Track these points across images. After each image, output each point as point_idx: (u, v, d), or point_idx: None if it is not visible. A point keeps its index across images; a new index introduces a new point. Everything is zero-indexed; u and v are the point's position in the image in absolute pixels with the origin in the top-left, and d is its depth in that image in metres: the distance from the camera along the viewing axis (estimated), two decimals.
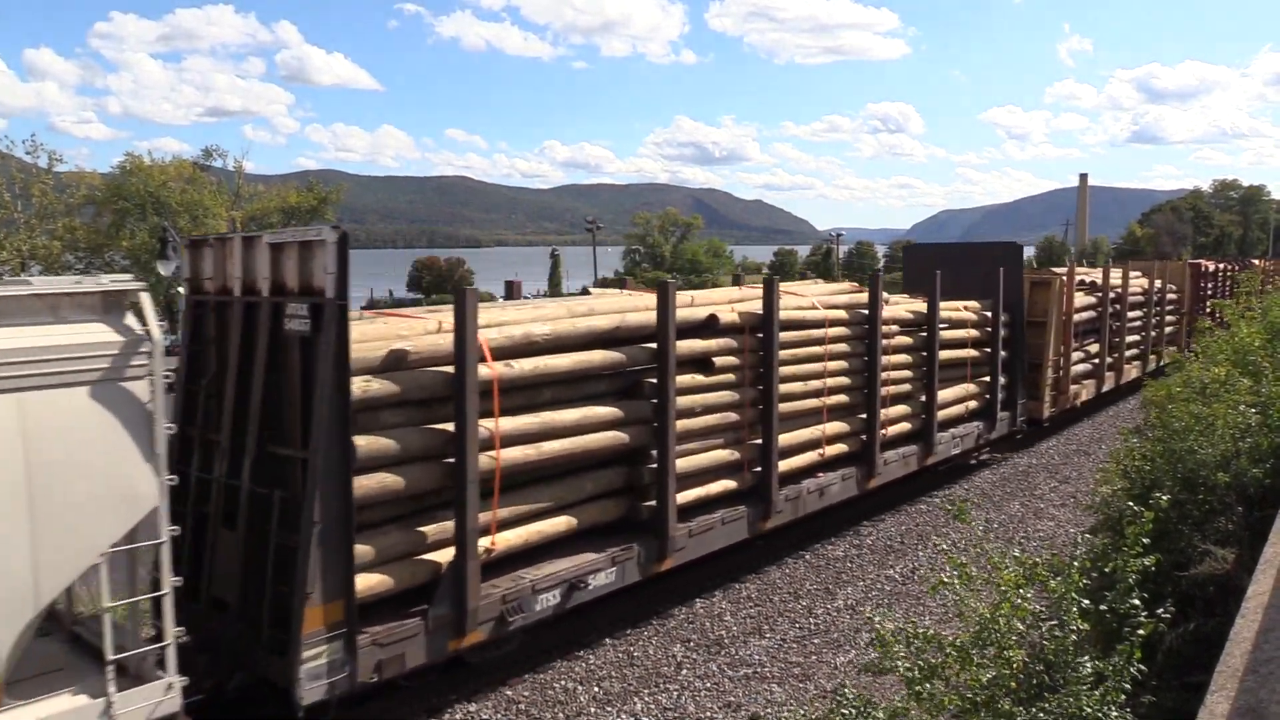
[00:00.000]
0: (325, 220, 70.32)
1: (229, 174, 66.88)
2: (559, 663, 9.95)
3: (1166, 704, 6.57)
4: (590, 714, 8.97)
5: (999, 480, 17.56)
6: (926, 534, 14.37)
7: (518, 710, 9.00)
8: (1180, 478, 9.35)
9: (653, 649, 10.34)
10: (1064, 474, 18.12)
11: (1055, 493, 16.80)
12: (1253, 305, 20.13)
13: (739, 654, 10.26)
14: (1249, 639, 5.01)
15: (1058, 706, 5.05)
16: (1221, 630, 6.00)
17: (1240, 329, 15.15)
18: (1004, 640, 5.36)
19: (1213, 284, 34.45)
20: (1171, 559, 8.62)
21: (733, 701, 9.24)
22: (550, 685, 9.47)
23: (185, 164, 62.56)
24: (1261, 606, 5.44)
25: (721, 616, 11.23)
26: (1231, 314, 17.34)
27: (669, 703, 9.18)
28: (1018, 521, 15.12)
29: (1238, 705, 4.30)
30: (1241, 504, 9.06)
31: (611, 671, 9.81)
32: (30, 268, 60.15)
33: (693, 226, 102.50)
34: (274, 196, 66.50)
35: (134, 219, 56.63)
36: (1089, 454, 19.66)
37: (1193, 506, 9.11)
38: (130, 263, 58.79)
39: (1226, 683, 4.56)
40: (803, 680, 9.69)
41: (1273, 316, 17.58)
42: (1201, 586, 8.06)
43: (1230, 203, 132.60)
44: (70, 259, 60.92)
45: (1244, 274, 29.29)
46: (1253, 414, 10.10)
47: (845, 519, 14.68)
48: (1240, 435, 9.63)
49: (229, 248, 8.40)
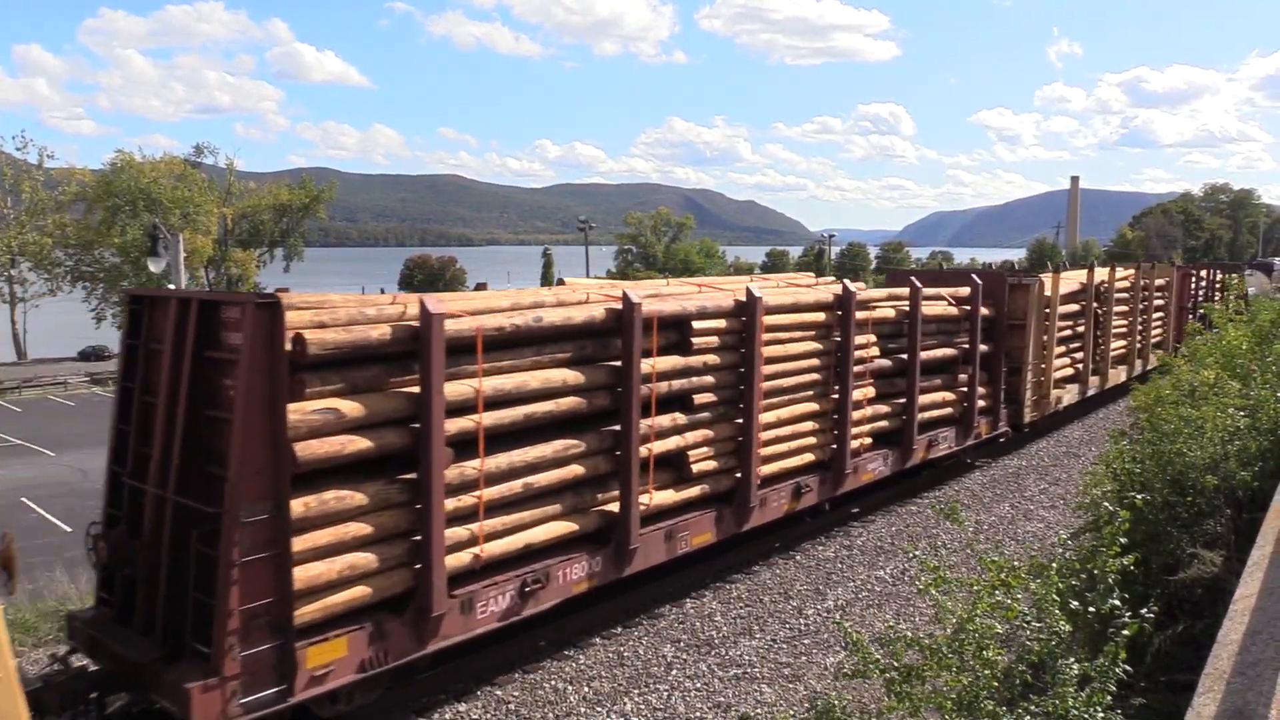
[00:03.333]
0: (318, 218, 70.12)
1: (220, 171, 66.69)
2: (549, 662, 9.95)
3: (1155, 705, 6.60)
4: (580, 714, 8.97)
5: (989, 482, 17.60)
6: (917, 535, 14.40)
7: (507, 710, 8.99)
8: (1169, 480, 9.38)
9: (643, 649, 10.34)
10: (1054, 476, 18.17)
11: (1045, 494, 16.85)
12: (1241, 309, 20.18)
13: (729, 654, 10.27)
14: (1236, 641, 5.02)
15: (1043, 708, 5.07)
16: (1209, 632, 6.03)
17: (1228, 332, 15.22)
18: (982, 641, 5.38)
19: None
20: (1161, 561, 8.65)
21: (723, 702, 9.24)
22: (540, 685, 9.47)
23: (176, 161, 62.37)
24: (1249, 609, 5.46)
25: (712, 617, 11.24)
26: (1220, 317, 17.40)
27: (659, 703, 9.18)
28: (1007, 523, 15.16)
29: (1225, 707, 4.31)
30: (1230, 506, 9.09)
31: (601, 671, 9.81)
32: (20, 263, 59.89)
33: (685, 227, 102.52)
34: (265, 194, 66.32)
35: (125, 216, 56.44)
36: (1079, 456, 19.73)
37: (1182, 509, 9.13)
38: (121, 259, 58.57)
39: (1214, 684, 4.57)
40: (793, 681, 9.70)
41: (1261, 320, 17.66)
42: (1190, 589, 8.09)
43: (1220, 206, 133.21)
44: (60, 255, 60.67)
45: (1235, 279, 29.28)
46: (1241, 417, 10.14)
47: (834, 520, 14.72)
48: (1229, 438, 9.66)
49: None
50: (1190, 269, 33.94)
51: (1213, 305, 27.33)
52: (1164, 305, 29.64)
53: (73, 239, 58.77)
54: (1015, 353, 18.86)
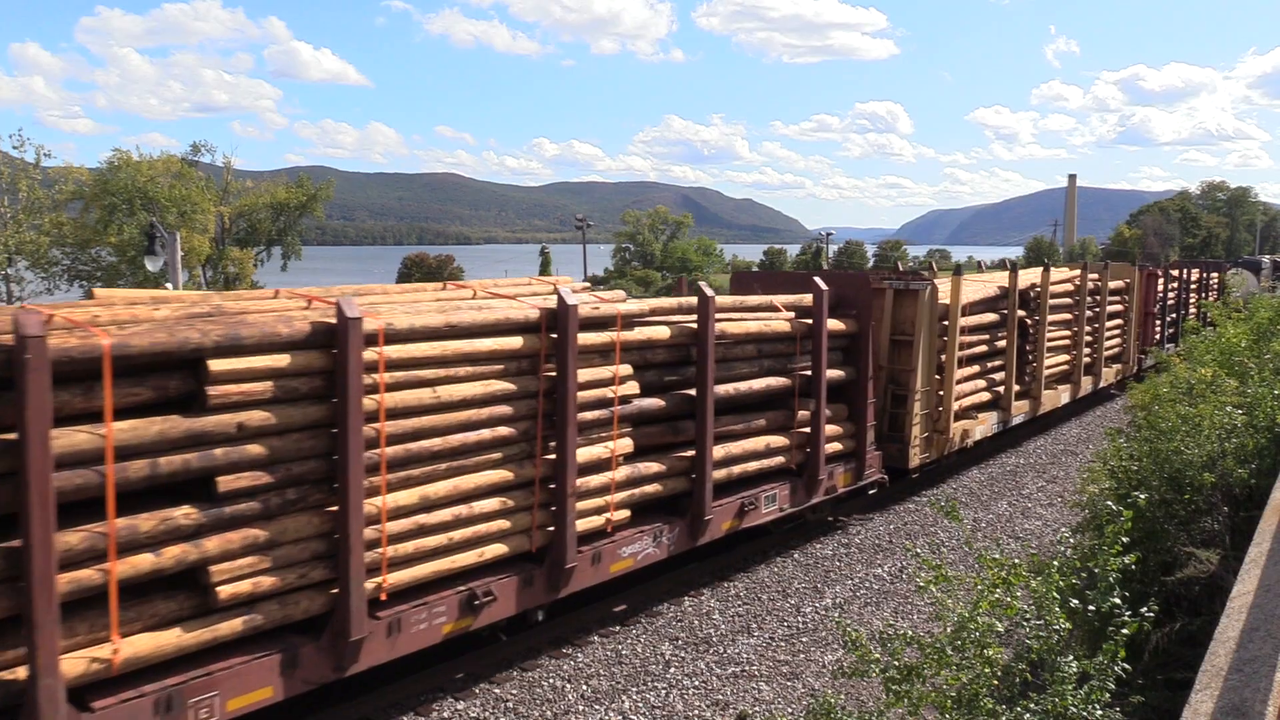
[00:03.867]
0: (315, 217, 70.14)
1: (217, 170, 66.62)
2: (547, 660, 9.95)
3: (1153, 703, 6.62)
4: (578, 712, 8.98)
5: (986, 480, 17.62)
6: (915, 533, 14.42)
7: (505, 708, 8.99)
8: (1166, 478, 9.40)
9: (641, 647, 10.35)
10: (1051, 473, 18.19)
11: (1042, 492, 16.87)
12: (1239, 308, 20.18)
13: (727, 652, 10.28)
14: (1233, 638, 5.04)
15: (1042, 705, 5.08)
16: (1207, 629, 6.04)
17: (1226, 329, 15.26)
18: (983, 639, 5.39)
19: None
20: (1158, 559, 8.67)
21: (721, 700, 9.25)
22: (538, 683, 9.47)
23: (173, 159, 62.30)
24: (1246, 606, 5.47)
25: (710, 615, 11.25)
26: (1218, 314, 17.42)
27: (657, 701, 9.19)
28: (1005, 520, 15.18)
29: (1222, 704, 4.32)
30: (1227, 504, 9.11)
31: (600, 669, 9.81)
32: (16, 262, 59.84)
33: (683, 225, 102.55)
34: (263, 192, 66.30)
35: (122, 214, 56.39)
36: (1076, 454, 19.75)
37: (1179, 506, 9.16)
38: (118, 258, 58.56)
39: (1211, 681, 4.58)
40: (791, 679, 9.71)
41: (1259, 318, 17.71)
42: (1187, 586, 8.11)
43: (1218, 204, 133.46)
44: (57, 254, 60.61)
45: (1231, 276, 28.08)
46: (1239, 414, 10.16)
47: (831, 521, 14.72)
48: (1226, 435, 9.69)
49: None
50: (1157, 269, 28.95)
51: (1190, 318, 26.35)
52: (1122, 312, 25.38)
53: (69, 238, 58.69)
54: (901, 377, 15.32)
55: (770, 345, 12.34)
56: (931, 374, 15.68)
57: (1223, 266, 41.58)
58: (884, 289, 15.50)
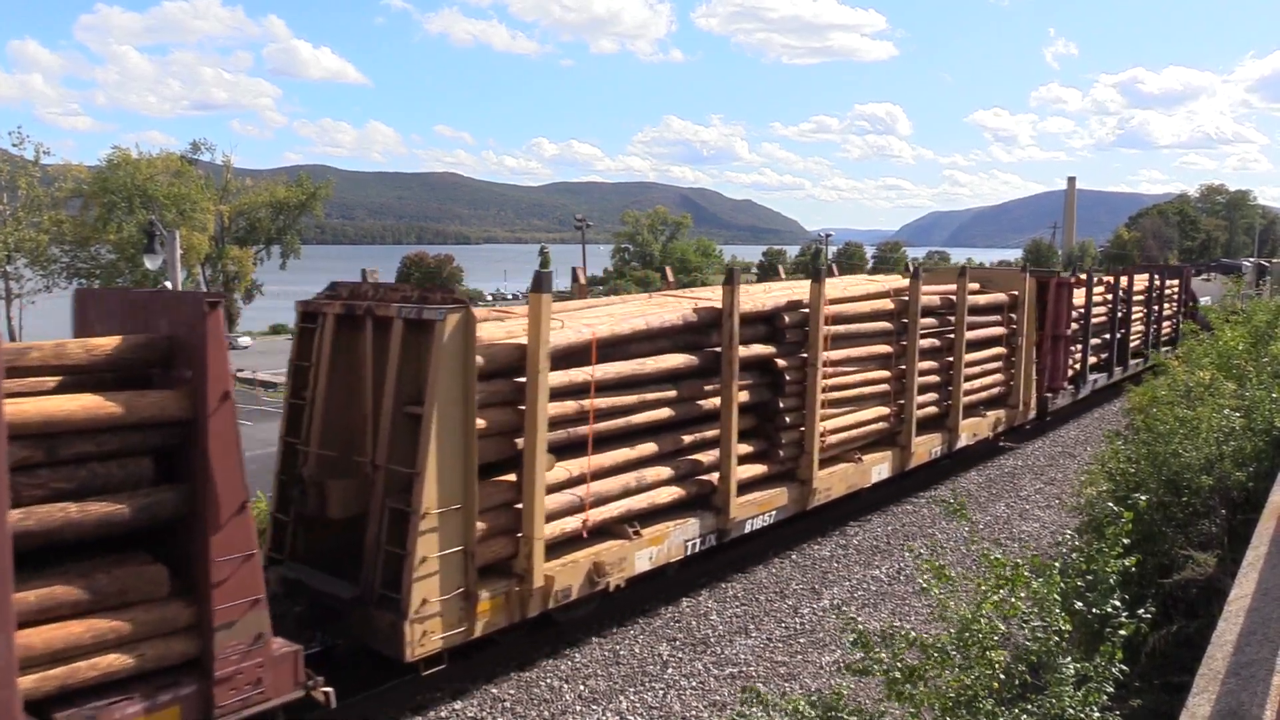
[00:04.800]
0: (314, 215, 70.15)
1: (217, 168, 66.59)
2: (545, 660, 9.95)
3: (1151, 705, 6.62)
4: (576, 712, 8.98)
5: (985, 482, 17.63)
6: (913, 534, 14.42)
7: (503, 708, 9.00)
8: (1164, 480, 9.41)
9: (639, 647, 10.35)
10: (1049, 476, 18.20)
11: (1040, 494, 16.88)
12: (1238, 310, 20.14)
13: (725, 653, 10.28)
14: (1231, 641, 5.04)
15: (1041, 707, 5.08)
16: (1204, 633, 6.04)
17: (1224, 333, 15.26)
18: (986, 641, 5.39)
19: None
20: (1155, 561, 8.67)
21: (718, 700, 9.25)
22: (536, 683, 9.47)
23: (173, 158, 62.30)
24: (1243, 610, 5.48)
25: (708, 615, 11.25)
26: (1215, 318, 17.41)
27: (654, 701, 9.19)
28: (1003, 522, 15.19)
29: (1219, 708, 4.33)
30: (1225, 507, 9.12)
31: (597, 670, 9.81)
32: (16, 260, 59.74)
33: (682, 225, 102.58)
34: (262, 191, 66.30)
35: (121, 212, 56.44)
36: (1074, 456, 19.75)
37: (1176, 509, 9.17)
38: (117, 256, 58.50)
39: (1209, 685, 4.59)
40: (788, 679, 9.71)
41: (1256, 321, 17.72)
42: (1185, 589, 8.11)
43: (1216, 207, 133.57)
44: (56, 252, 60.54)
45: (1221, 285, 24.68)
46: (1236, 418, 10.17)
47: (832, 519, 14.72)
48: (1224, 439, 9.70)
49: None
50: (1071, 277, 22.15)
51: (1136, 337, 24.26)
52: (1003, 337, 18.94)
53: (69, 235, 58.70)
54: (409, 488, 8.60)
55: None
56: (465, 475, 8.61)
57: (1186, 271, 33.08)
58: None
